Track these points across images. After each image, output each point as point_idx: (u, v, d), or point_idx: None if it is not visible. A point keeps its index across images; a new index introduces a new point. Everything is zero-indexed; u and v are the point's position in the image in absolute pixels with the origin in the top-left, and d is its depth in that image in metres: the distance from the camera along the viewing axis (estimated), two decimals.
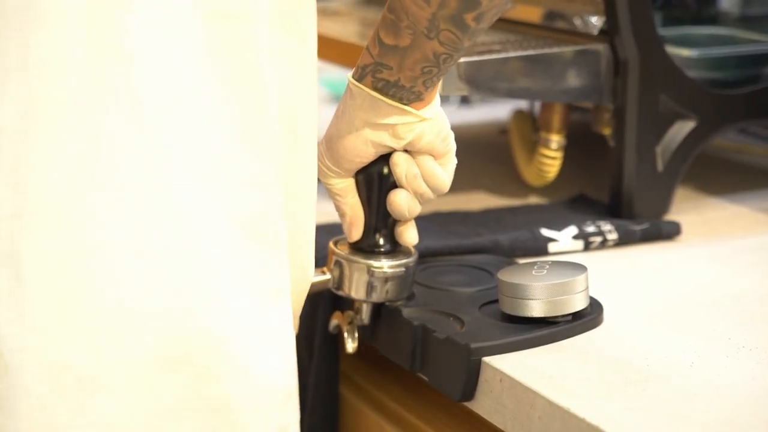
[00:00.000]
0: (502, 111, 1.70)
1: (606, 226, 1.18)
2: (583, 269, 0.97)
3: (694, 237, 1.20)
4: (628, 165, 1.22)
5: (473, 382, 0.93)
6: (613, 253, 1.17)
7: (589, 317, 0.97)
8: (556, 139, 1.29)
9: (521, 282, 0.95)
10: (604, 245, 1.17)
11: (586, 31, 1.23)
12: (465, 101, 1.80)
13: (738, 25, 1.41)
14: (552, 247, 1.15)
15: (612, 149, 1.23)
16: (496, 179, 1.41)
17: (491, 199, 1.33)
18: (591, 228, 1.18)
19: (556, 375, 0.89)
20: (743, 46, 1.36)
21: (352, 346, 1.01)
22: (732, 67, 1.31)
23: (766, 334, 0.97)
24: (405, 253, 1.00)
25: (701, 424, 0.82)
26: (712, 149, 1.45)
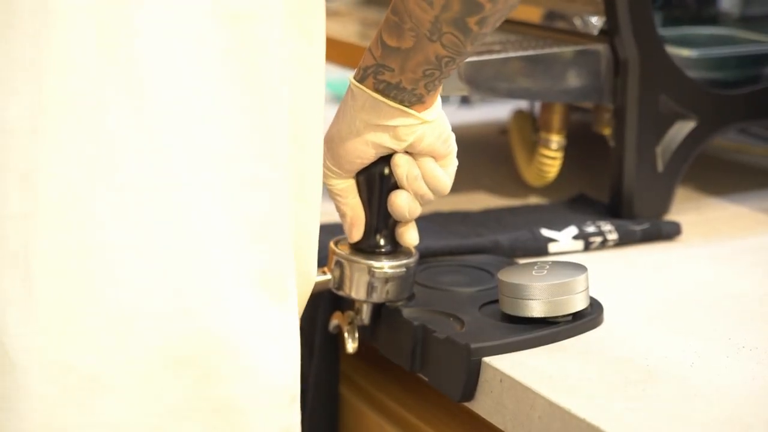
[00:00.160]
0: (502, 111, 1.70)
1: (606, 226, 1.18)
2: (583, 269, 0.97)
3: (694, 237, 1.20)
4: (628, 165, 1.22)
5: (473, 382, 0.93)
6: (613, 253, 1.17)
7: (590, 317, 0.97)
8: (556, 140, 1.29)
9: (521, 282, 0.95)
10: (604, 245, 1.17)
11: (586, 31, 1.23)
12: (465, 101, 1.80)
13: (738, 25, 1.41)
14: (552, 248, 1.15)
15: (612, 149, 1.23)
16: (496, 179, 1.41)
17: (491, 200, 1.33)
18: (591, 228, 1.18)
19: (556, 375, 0.89)
20: (743, 46, 1.36)
21: (352, 346, 1.01)
22: (732, 67, 1.31)
23: (766, 334, 0.97)
24: (405, 254, 1.00)
25: (701, 424, 0.82)
26: (712, 149, 1.45)
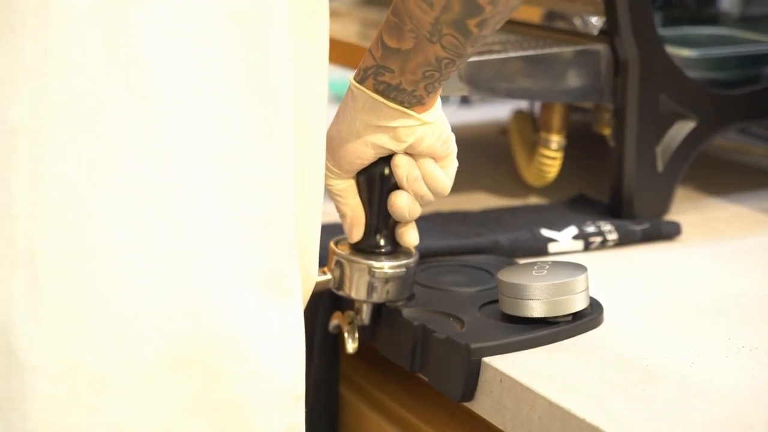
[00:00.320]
0: (502, 111, 1.70)
1: (606, 226, 1.18)
2: (583, 269, 0.97)
3: (694, 237, 1.20)
4: (628, 165, 1.22)
5: (473, 382, 0.93)
6: (613, 253, 1.17)
7: (590, 317, 0.97)
8: (556, 140, 1.29)
9: (521, 282, 0.95)
10: (604, 245, 1.17)
11: (586, 31, 1.23)
12: (465, 101, 1.80)
13: (738, 25, 1.41)
14: (552, 248, 1.15)
15: (612, 149, 1.23)
16: (496, 179, 1.41)
17: (491, 200, 1.33)
18: (591, 228, 1.18)
19: (556, 375, 0.89)
20: (743, 46, 1.36)
21: (352, 346, 1.01)
22: (732, 67, 1.31)
23: (766, 334, 0.97)
24: (406, 254, 1.00)
25: (701, 424, 0.82)
26: (712, 149, 1.44)
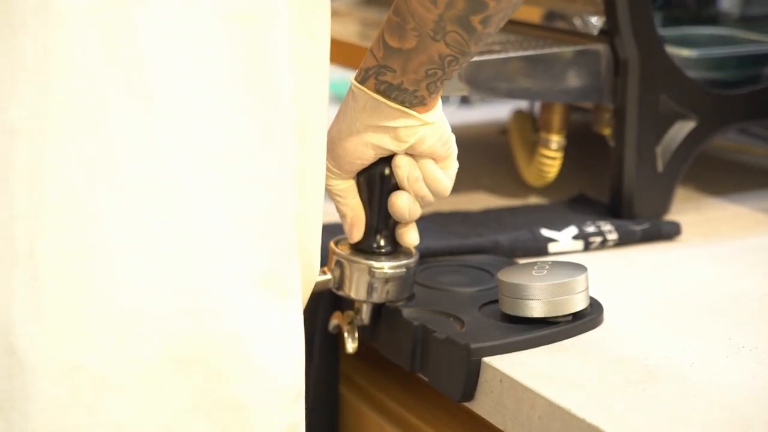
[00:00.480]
0: (502, 111, 1.70)
1: (606, 226, 1.18)
2: (583, 269, 0.97)
3: (694, 237, 1.20)
4: (628, 165, 1.22)
5: (473, 382, 0.93)
6: (613, 253, 1.17)
7: (590, 317, 0.97)
8: (556, 140, 1.29)
9: (521, 282, 0.95)
10: (604, 245, 1.17)
11: (586, 31, 1.23)
12: (465, 101, 1.80)
13: (738, 25, 1.41)
14: (552, 248, 1.15)
15: (612, 149, 1.23)
16: (496, 179, 1.41)
17: (491, 200, 1.33)
18: (591, 228, 1.18)
19: (556, 375, 0.89)
20: (743, 46, 1.36)
21: (352, 346, 1.01)
22: (732, 67, 1.31)
23: (766, 334, 0.97)
24: (406, 254, 1.00)
25: (701, 424, 0.82)
26: (712, 149, 1.44)
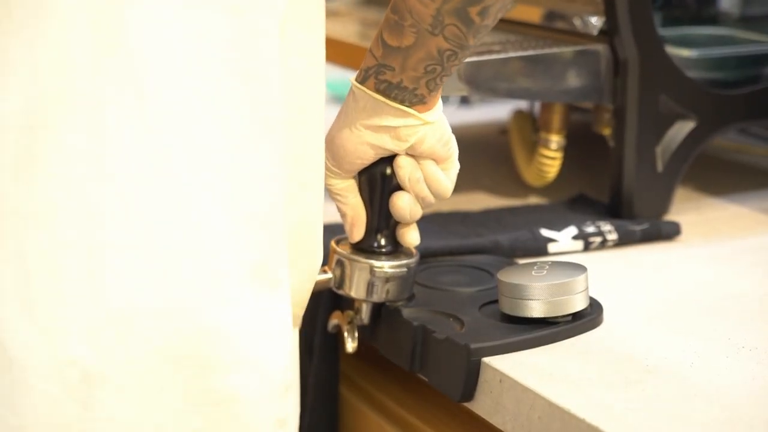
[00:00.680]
0: (502, 111, 1.70)
1: (606, 226, 1.18)
2: (583, 269, 0.97)
3: (694, 237, 1.20)
4: (628, 165, 1.22)
5: (473, 382, 0.93)
6: (613, 254, 1.17)
7: (589, 317, 0.97)
8: (556, 140, 1.29)
9: (521, 282, 0.95)
10: (603, 245, 1.17)
11: (586, 32, 1.23)
12: (465, 101, 1.80)
13: (738, 25, 1.41)
14: (552, 248, 1.15)
15: (612, 149, 1.23)
16: (496, 179, 1.41)
17: (491, 200, 1.33)
18: (591, 228, 1.18)
19: (556, 375, 0.89)
20: (743, 46, 1.36)
21: (352, 346, 1.01)
22: (732, 67, 1.31)
23: (766, 334, 0.97)
24: (406, 254, 1.00)
25: (701, 424, 0.82)
26: (712, 149, 1.44)
